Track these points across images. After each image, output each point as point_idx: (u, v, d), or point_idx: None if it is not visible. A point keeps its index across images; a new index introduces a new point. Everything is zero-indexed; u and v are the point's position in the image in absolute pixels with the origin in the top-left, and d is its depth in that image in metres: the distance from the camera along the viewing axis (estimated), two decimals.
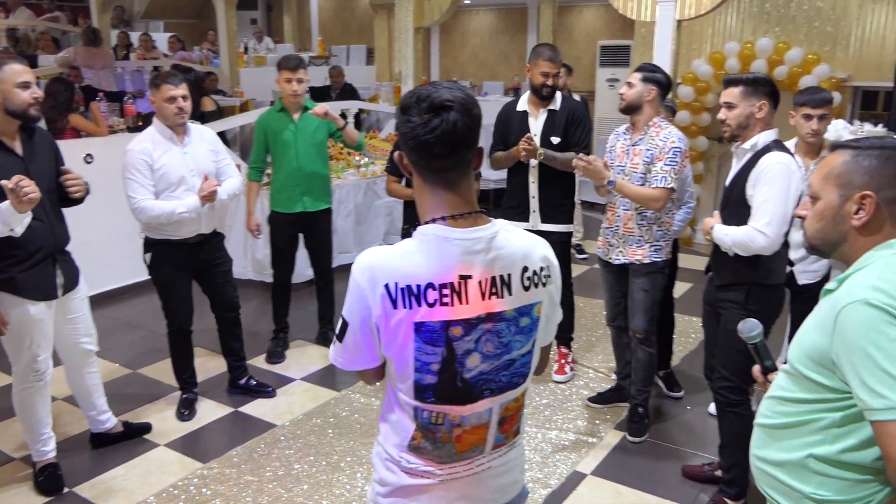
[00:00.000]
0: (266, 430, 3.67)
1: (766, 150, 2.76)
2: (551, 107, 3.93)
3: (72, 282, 3.14)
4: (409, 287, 1.38)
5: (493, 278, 1.42)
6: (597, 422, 3.75)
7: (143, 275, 3.65)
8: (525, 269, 1.45)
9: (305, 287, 5.44)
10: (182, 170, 3.51)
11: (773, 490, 1.61)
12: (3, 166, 2.78)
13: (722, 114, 2.86)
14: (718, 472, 3.15)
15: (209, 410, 3.87)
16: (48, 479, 3.16)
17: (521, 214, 4.04)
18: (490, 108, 4.26)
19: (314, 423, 3.75)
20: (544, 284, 1.49)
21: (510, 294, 1.44)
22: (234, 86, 9.44)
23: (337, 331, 1.49)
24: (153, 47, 10.49)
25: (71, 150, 3.21)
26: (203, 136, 3.69)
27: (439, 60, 13.28)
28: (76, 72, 7.48)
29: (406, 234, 4.17)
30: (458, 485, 1.53)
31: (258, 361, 4.42)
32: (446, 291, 1.38)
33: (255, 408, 3.91)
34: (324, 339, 4.69)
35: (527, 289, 1.46)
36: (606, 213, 3.59)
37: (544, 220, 4.00)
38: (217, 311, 3.91)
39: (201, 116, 6.90)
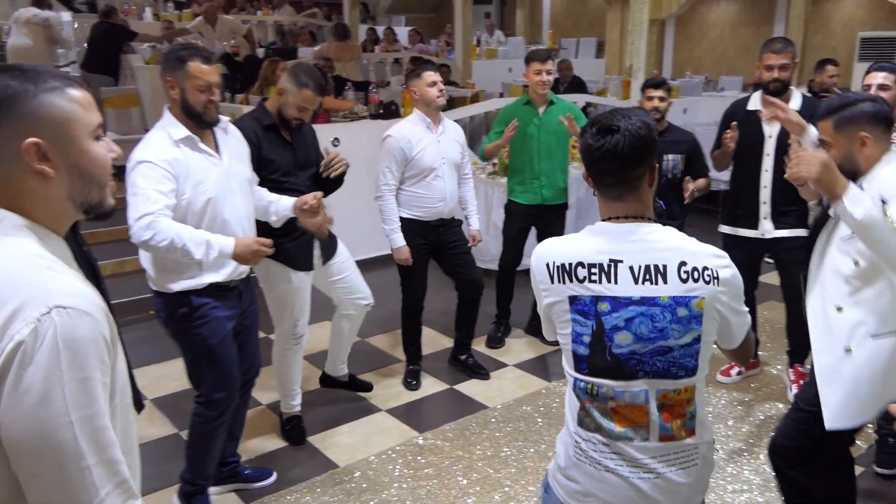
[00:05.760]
0: (479, 411, 3.81)
1: None
2: (790, 106, 3.61)
3: (330, 251, 3.47)
4: (562, 265, 1.61)
5: (647, 266, 1.56)
6: None
7: (380, 250, 3.92)
8: (683, 263, 1.56)
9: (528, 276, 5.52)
10: (434, 158, 3.77)
11: None
12: (279, 149, 3.21)
13: None
14: None
15: (427, 385, 4.10)
16: (294, 429, 3.54)
17: (747, 221, 3.79)
18: (726, 105, 4.03)
19: (524, 409, 3.82)
20: (707, 282, 1.56)
21: (665, 283, 1.55)
22: (466, 77, 9.78)
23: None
24: (395, 40, 11.19)
25: (320, 134, 3.57)
26: (453, 128, 3.95)
27: (672, 54, 12.77)
28: (329, 63, 8.20)
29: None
30: (619, 480, 1.62)
31: (477, 344, 4.56)
32: (595, 270, 1.58)
33: (470, 388, 4.07)
34: (534, 330, 4.73)
35: (684, 281, 1.56)
36: None
37: (777, 227, 3.73)
38: (462, 290, 4.09)
39: None
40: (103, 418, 1.09)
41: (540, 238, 4.52)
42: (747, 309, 1.70)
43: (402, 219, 3.81)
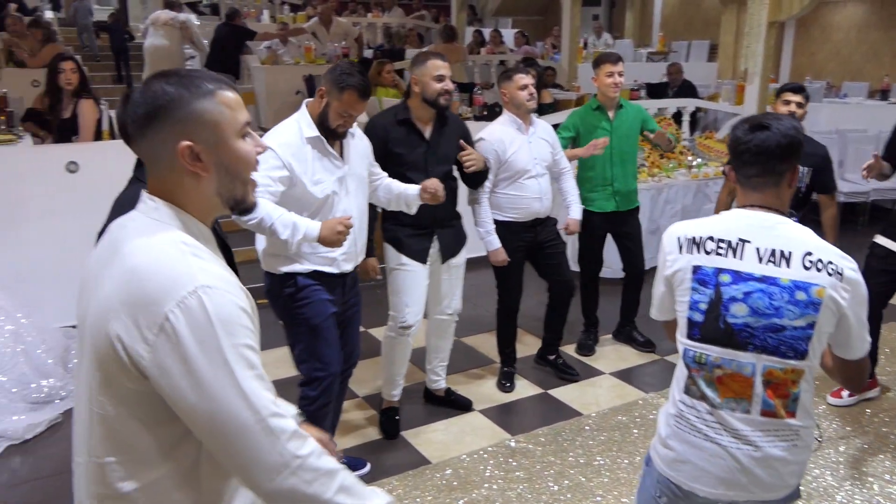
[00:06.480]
0: (572, 417, 3.77)
1: None
2: None
3: (451, 251, 3.53)
4: (693, 238, 1.76)
5: (773, 249, 1.67)
6: None
7: (474, 252, 3.91)
8: (808, 253, 1.65)
9: (620, 284, 5.42)
10: (527, 159, 3.75)
11: None
12: (410, 145, 3.29)
13: None
14: None
15: (521, 388, 4.09)
16: (388, 422, 3.62)
17: None
18: (849, 113, 3.81)
19: (619, 419, 3.75)
20: (829, 274, 1.63)
21: (788, 266, 1.65)
22: (572, 80, 9.68)
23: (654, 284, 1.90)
24: (501, 42, 11.22)
25: None
26: (543, 128, 3.92)
27: (791, 58, 12.18)
28: None
29: None
30: (718, 449, 1.71)
31: (569, 349, 4.52)
32: (723, 245, 1.71)
33: (564, 393, 4.03)
34: (625, 337, 4.63)
35: (807, 269, 1.64)
36: None
37: None
38: (554, 290, 4.06)
39: (539, 108, 7.20)
40: (263, 379, 1.21)
41: (618, 242, 4.45)
42: (869, 327, 1.73)
43: (498, 222, 3.80)
